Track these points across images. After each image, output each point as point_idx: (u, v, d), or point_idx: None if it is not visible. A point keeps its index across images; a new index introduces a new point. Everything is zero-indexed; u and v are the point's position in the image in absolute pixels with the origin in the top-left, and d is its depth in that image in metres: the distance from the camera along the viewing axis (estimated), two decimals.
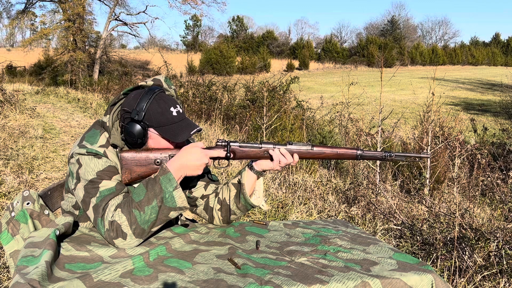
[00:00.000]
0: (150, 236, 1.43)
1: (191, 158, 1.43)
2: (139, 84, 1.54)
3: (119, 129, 1.50)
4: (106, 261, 1.27)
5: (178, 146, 1.51)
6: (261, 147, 1.52)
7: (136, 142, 1.46)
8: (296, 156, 1.53)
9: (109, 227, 1.36)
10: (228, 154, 1.50)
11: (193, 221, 1.73)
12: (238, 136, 7.37)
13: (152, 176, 1.42)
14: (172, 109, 1.47)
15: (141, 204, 1.36)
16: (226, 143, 1.50)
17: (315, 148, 1.53)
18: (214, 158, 1.52)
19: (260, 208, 1.62)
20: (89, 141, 1.46)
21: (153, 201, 1.37)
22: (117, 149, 1.49)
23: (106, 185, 1.41)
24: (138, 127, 1.45)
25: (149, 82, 1.56)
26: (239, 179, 1.59)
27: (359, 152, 1.54)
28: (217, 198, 1.63)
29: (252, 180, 1.58)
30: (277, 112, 7.01)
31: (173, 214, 1.41)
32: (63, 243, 1.35)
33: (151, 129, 1.47)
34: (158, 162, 1.46)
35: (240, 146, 1.51)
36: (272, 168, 1.54)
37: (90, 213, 1.41)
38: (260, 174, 1.58)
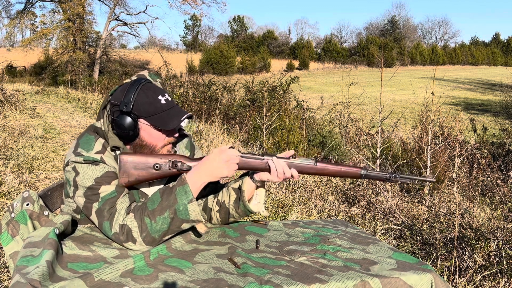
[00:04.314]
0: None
1: (214, 167, 1.40)
2: (124, 82, 1.53)
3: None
4: (109, 261, 1.27)
5: (170, 134, 1.49)
6: (263, 159, 1.48)
7: (128, 134, 1.44)
8: (294, 171, 1.48)
9: (119, 231, 1.34)
10: None
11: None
12: (238, 136, 7.37)
13: (170, 185, 1.40)
14: (160, 97, 1.45)
15: (154, 213, 1.35)
16: None
17: (318, 164, 1.49)
18: None
19: (259, 214, 1.59)
20: (85, 148, 1.43)
21: (166, 211, 1.35)
22: (119, 152, 1.46)
23: (106, 190, 1.40)
24: (128, 119, 1.42)
25: (133, 78, 1.54)
26: (239, 184, 1.56)
27: (363, 171, 1.49)
28: (216, 200, 1.62)
29: (252, 188, 1.55)
30: (277, 112, 7.01)
31: (185, 226, 1.39)
32: (66, 241, 1.35)
33: (141, 120, 1.45)
34: (157, 167, 1.42)
35: (242, 157, 1.47)
36: (271, 180, 1.49)
37: (94, 218, 1.40)
38: (258, 183, 1.55)
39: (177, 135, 1.53)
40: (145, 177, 1.43)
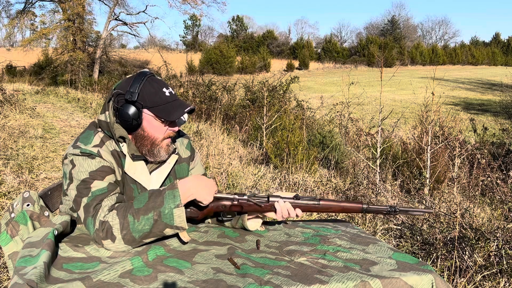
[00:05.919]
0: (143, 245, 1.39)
1: (204, 185, 1.42)
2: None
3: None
4: (104, 260, 1.27)
5: (171, 125, 1.51)
6: (268, 202, 1.50)
7: (132, 124, 1.46)
8: (299, 211, 1.52)
9: (99, 227, 1.33)
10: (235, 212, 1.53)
11: None
12: (238, 136, 7.36)
13: (161, 188, 1.41)
14: (164, 89, 1.49)
15: (138, 212, 1.34)
16: (235, 197, 1.49)
17: (321, 203, 1.53)
18: (220, 211, 1.51)
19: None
20: (83, 142, 1.45)
21: (150, 212, 1.33)
22: (124, 143, 1.49)
23: (98, 185, 1.39)
24: (132, 108, 1.45)
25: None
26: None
27: (364, 205, 1.54)
28: None
29: (254, 213, 1.58)
30: (277, 112, 7.01)
31: (168, 231, 1.36)
32: (61, 243, 1.34)
33: (145, 110, 1.47)
34: None
35: (248, 201, 1.49)
36: (274, 218, 1.54)
37: (81, 212, 1.39)
38: (260, 215, 1.58)
39: (177, 128, 1.55)
40: None
